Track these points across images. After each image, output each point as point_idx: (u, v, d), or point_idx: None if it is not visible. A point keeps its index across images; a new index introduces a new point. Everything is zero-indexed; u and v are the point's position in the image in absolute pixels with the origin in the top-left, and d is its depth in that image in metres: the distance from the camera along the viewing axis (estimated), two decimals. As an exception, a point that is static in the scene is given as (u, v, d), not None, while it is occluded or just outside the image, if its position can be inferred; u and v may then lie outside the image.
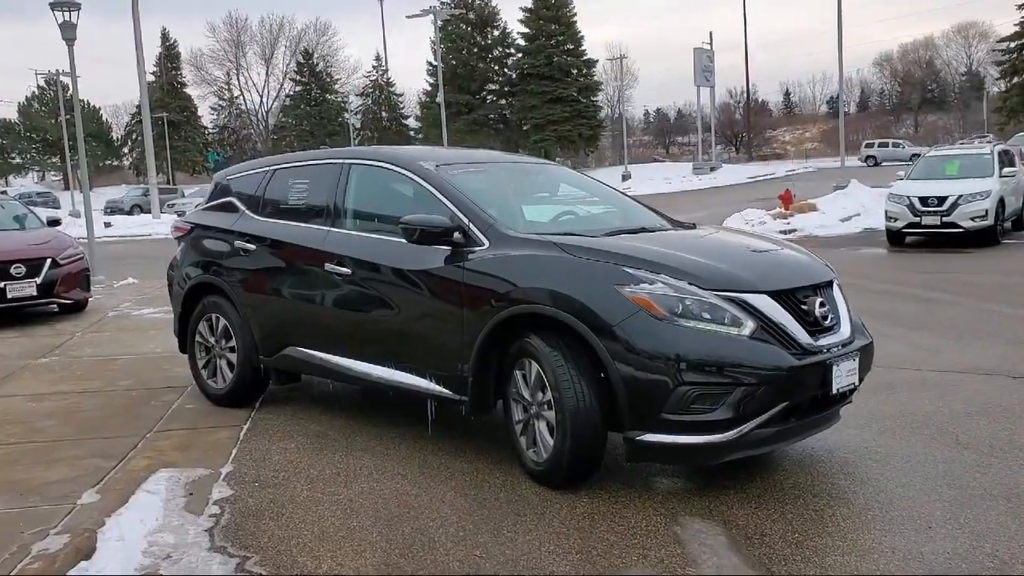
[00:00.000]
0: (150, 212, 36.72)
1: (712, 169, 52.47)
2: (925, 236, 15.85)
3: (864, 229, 19.50)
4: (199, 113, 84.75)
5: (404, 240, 4.81)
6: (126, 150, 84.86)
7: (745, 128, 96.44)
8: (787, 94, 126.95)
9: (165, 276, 6.80)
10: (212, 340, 6.17)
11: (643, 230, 5.03)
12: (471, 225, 4.69)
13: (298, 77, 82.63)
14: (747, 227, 19.23)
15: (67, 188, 58.58)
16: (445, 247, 4.71)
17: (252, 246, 5.83)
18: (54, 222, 11.90)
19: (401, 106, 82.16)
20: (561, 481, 4.27)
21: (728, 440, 3.96)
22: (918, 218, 15.49)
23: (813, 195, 25.62)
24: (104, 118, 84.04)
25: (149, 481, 4.55)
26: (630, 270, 4.12)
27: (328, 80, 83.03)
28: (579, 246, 4.37)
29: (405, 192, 5.30)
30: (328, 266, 5.27)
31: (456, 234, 4.68)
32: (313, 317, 5.45)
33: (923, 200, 15.45)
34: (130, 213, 42.79)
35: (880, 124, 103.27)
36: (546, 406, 4.28)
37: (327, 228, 5.42)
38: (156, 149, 43.97)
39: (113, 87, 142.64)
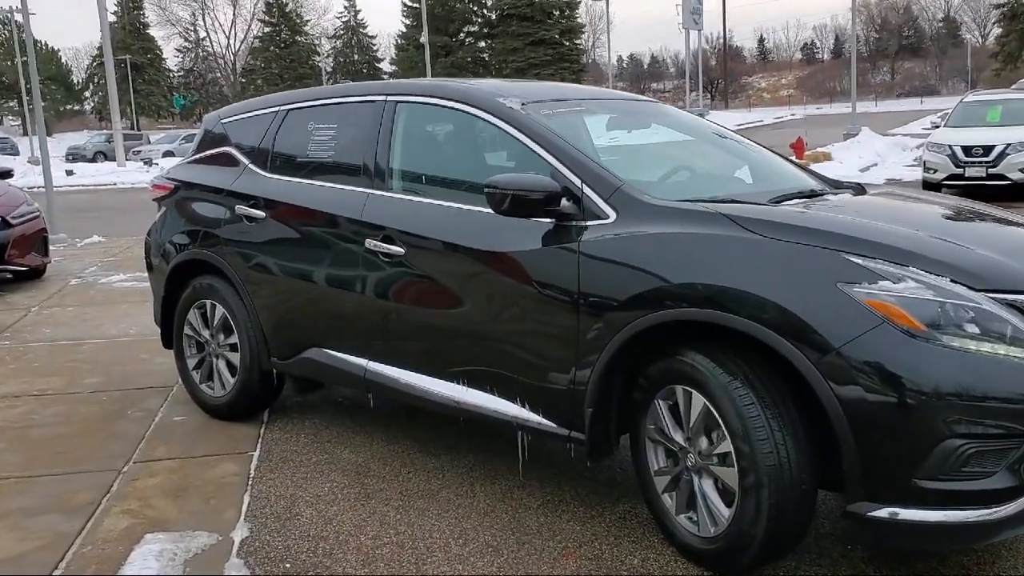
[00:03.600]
0: (114, 159, 34.70)
1: (700, 116, 50.85)
2: (966, 189, 14.61)
3: (887, 180, 18.26)
4: (163, 56, 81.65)
5: (485, 210, 3.42)
6: (88, 94, 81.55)
7: (721, 74, 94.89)
8: (761, 40, 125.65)
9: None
10: (207, 334, 4.74)
11: (814, 194, 3.66)
12: (588, 189, 3.28)
13: (266, 18, 79.68)
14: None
15: (26, 134, 55.85)
16: (546, 220, 3.32)
17: (260, 212, 4.38)
18: (4, 174, 10.25)
19: (374, 48, 79.53)
20: (744, 567, 2.93)
21: (1008, 516, 2.64)
22: (961, 169, 14.23)
23: (820, 143, 24.34)
24: (64, 60, 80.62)
25: (132, 560, 3.16)
26: (859, 259, 2.74)
27: (298, 21, 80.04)
28: (767, 221, 2.97)
29: (480, 142, 3.88)
30: (370, 243, 3.84)
31: (564, 201, 3.27)
32: (348, 311, 4.03)
33: (967, 150, 14.18)
34: (93, 160, 40.54)
35: (857, 71, 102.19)
36: (717, 459, 2.93)
37: (366, 191, 3.98)
38: (119, 93, 41.57)
39: (72, 28, 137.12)
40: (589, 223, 3.24)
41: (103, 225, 14.35)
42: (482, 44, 71.01)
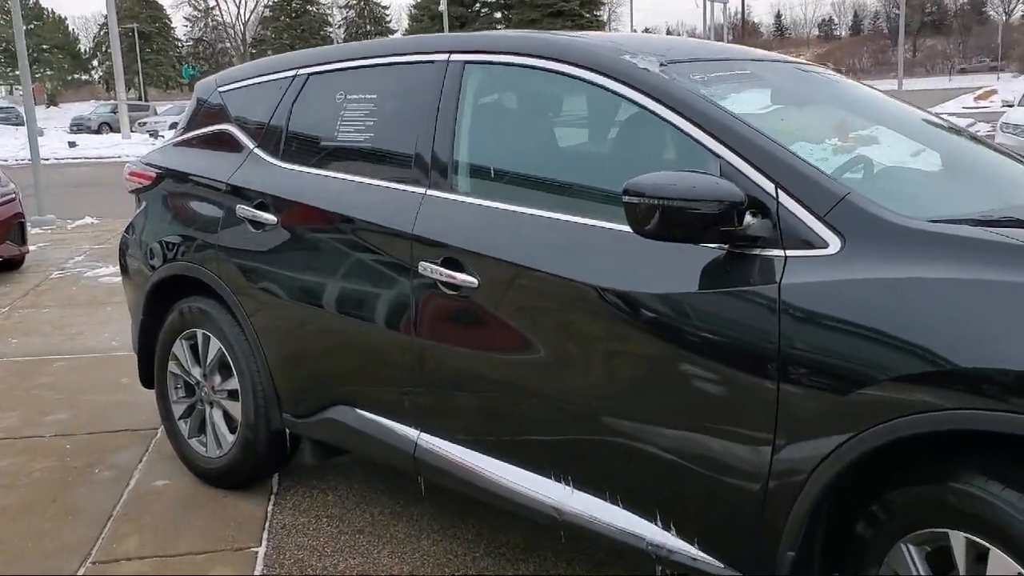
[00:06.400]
0: (119, 131, 33.51)
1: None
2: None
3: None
4: (172, 25, 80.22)
5: (611, 226, 2.26)
6: (95, 63, 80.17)
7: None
8: (778, 16, 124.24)
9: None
10: (198, 374, 3.56)
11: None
12: (788, 198, 2.08)
13: (277, -13, 78.06)
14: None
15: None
16: (712, 246, 2.11)
17: (269, 216, 3.18)
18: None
19: (387, 19, 77.99)
20: None
21: None
22: (1039, 152, 12.95)
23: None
24: (71, 28, 79.22)
25: None
26: None
27: (309, -9, 78.44)
28: None
29: (596, 121, 2.68)
30: (426, 267, 2.64)
31: (750, 218, 2.06)
32: (391, 359, 2.84)
33: (1045, 131, 12.92)
34: (98, 132, 39.37)
35: (877, 48, 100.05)
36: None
37: (420, 191, 2.77)
38: (126, 63, 40.31)
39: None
40: (792, 253, 2.03)
41: (100, 203, 13.19)
42: (498, 15, 69.23)
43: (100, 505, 3.44)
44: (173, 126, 36.73)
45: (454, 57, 2.84)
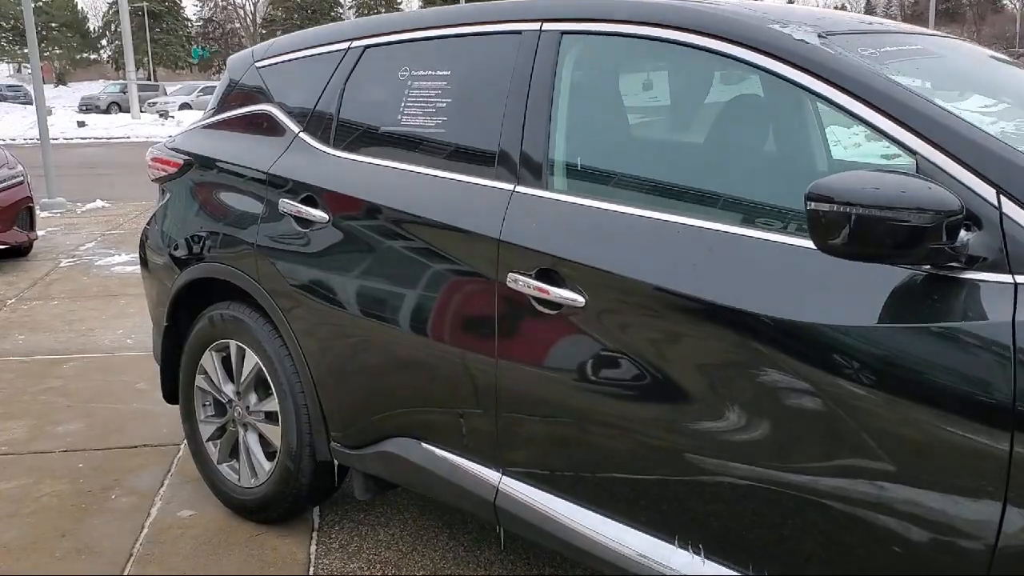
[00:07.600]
0: (128, 111, 33.03)
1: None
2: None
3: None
4: (182, 4, 79.47)
5: (764, 236, 1.81)
6: (104, 42, 79.59)
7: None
8: (791, 3, 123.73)
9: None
10: (230, 392, 3.11)
11: None
12: (1020, 210, 1.61)
13: (288, -34, 77.28)
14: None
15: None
16: (912, 268, 1.65)
17: (318, 213, 2.71)
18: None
19: (399, 2, 77.25)
20: None
21: None
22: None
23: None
24: (80, 7, 78.60)
25: None
26: None
27: (320, -29, 77.65)
28: None
29: (741, 105, 2.19)
30: (515, 280, 2.18)
31: (965, 233, 1.60)
32: (465, 388, 2.38)
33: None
34: (107, 111, 38.83)
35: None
36: None
37: (507, 188, 2.30)
38: (136, 42, 39.85)
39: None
40: (995, 273, 1.57)
41: (111, 185, 12.77)
42: (512, -2, 68.54)
43: (118, 541, 3.00)
44: (184, 106, 36.14)
45: (547, 27, 2.36)
